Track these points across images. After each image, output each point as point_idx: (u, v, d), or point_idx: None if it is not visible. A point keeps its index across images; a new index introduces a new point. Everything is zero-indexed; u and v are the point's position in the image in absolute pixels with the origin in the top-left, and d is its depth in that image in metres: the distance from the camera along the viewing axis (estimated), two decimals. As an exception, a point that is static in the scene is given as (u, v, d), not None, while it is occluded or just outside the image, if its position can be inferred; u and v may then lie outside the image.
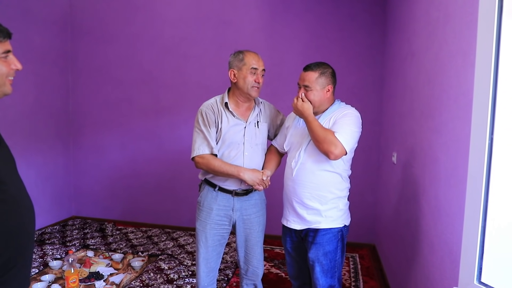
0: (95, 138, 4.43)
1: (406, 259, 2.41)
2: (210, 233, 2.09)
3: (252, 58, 2.03)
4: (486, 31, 1.24)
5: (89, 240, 3.77)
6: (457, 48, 1.63)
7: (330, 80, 1.91)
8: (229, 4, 3.91)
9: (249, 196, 2.12)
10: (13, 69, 1.14)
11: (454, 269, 1.54)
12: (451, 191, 1.64)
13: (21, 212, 1.18)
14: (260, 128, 2.12)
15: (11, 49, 1.14)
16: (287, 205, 2.03)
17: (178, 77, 4.10)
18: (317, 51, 3.71)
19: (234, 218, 2.11)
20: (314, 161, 1.88)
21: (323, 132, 1.80)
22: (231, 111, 2.05)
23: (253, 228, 2.14)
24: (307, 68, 1.92)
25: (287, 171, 2.01)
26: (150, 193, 4.31)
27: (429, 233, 1.94)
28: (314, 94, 1.89)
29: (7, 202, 1.13)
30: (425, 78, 2.12)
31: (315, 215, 1.91)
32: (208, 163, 2.01)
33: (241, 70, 2.02)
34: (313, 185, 1.89)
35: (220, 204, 2.09)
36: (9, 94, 1.17)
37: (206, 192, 2.12)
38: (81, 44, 4.35)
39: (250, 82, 2.01)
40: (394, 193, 2.92)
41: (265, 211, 2.23)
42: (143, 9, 4.13)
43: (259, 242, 2.18)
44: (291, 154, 2.00)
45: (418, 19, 2.33)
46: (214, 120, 2.04)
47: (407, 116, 2.55)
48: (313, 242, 1.92)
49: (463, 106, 1.54)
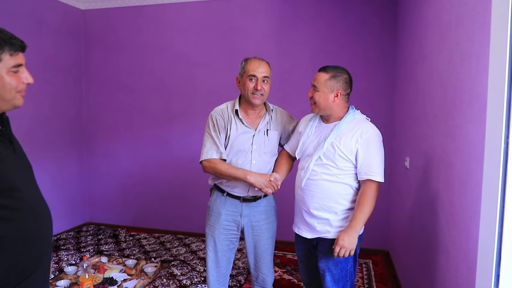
0: (108, 145, 4.49)
1: (420, 266, 2.37)
2: (218, 238, 2.09)
3: (251, 65, 2.00)
4: (499, 33, 1.23)
5: (103, 246, 3.81)
6: (469, 51, 1.61)
7: (342, 85, 1.84)
8: (239, 11, 3.94)
9: (257, 203, 2.11)
10: (24, 83, 1.15)
11: (470, 276, 1.51)
12: (466, 196, 1.62)
13: (38, 219, 1.20)
14: (270, 136, 2.09)
15: (24, 62, 1.14)
16: (297, 213, 2.01)
17: (189, 84, 4.14)
18: (327, 56, 3.71)
19: (242, 224, 2.10)
20: (324, 173, 1.84)
21: (370, 207, 1.80)
22: (241, 118, 2.04)
23: (262, 235, 2.13)
24: (321, 69, 1.88)
25: (297, 180, 1.98)
26: (162, 199, 4.34)
27: (444, 239, 1.91)
28: (319, 96, 1.84)
29: (23, 209, 1.15)
30: (438, 82, 2.10)
31: (324, 224, 1.87)
32: (215, 167, 2.01)
33: (242, 77, 2.03)
34: (322, 196, 1.85)
35: (228, 209, 2.09)
36: (20, 107, 1.17)
37: (215, 197, 2.13)
38: (94, 53, 4.43)
39: (249, 89, 1.99)
40: (407, 198, 2.88)
41: (275, 218, 2.21)
42: (154, 18, 4.19)
43: (268, 249, 2.16)
44: (301, 163, 1.97)
45: (429, 23, 2.31)
46: (224, 126, 2.04)
47: (419, 120, 2.52)
48: (323, 252, 1.89)
49: (477, 110, 1.52)
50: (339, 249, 1.75)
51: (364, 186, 1.82)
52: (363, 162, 1.79)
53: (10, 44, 1.09)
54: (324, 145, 1.82)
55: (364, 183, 1.83)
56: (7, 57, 1.09)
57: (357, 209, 1.80)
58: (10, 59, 1.09)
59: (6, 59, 1.09)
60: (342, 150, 1.79)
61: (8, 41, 1.09)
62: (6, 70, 1.09)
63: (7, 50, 1.08)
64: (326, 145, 1.81)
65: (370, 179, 1.80)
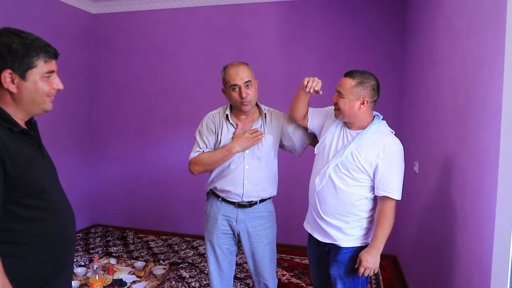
0: (116, 147, 4.52)
1: (430, 270, 2.37)
2: (217, 243, 2.08)
3: (230, 74, 1.95)
4: (514, 40, 1.24)
5: (111, 248, 3.84)
6: (483, 57, 1.62)
7: (369, 92, 1.73)
8: (248, 16, 3.98)
9: (253, 208, 2.06)
10: (54, 89, 1.20)
11: (484, 280, 1.52)
12: (479, 201, 1.62)
13: (64, 219, 1.24)
14: (263, 141, 2.02)
15: (56, 69, 1.20)
16: (311, 212, 1.95)
17: (198, 87, 4.17)
18: (335, 60, 3.74)
19: (237, 229, 2.07)
20: (340, 182, 1.77)
21: (390, 224, 1.73)
22: (232, 123, 2.02)
23: (259, 240, 2.08)
24: (347, 74, 1.76)
25: (312, 183, 1.91)
26: (170, 202, 4.36)
27: (455, 243, 1.91)
28: (344, 103, 1.73)
29: (52, 211, 1.18)
30: (449, 87, 2.11)
31: (336, 230, 1.82)
32: (198, 161, 2.00)
33: (226, 88, 1.99)
34: (336, 204, 1.79)
35: (224, 214, 2.06)
36: (49, 111, 1.23)
37: (211, 202, 2.12)
38: (104, 56, 4.48)
39: (236, 99, 1.94)
40: (416, 203, 2.89)
41: (273, 223, 2.16)
42: (164, 23, 4.23)
43: (267, 255, 2.11)
44: (317, 165, 1.90)
45: (439, 28, 2.33)
46: (214, 130, 2.03)
47: (429, 125, 2.53)
48: (334, 259, 1.84)
49: (490, 115, 1.53)
50: (363, 270, 1.71)
51: (382, 203, 1.76)
52: (382, 178, 1.72)
53: (45, 52, 1.15)
54: (343, 153, 1.74)
55: (382, 199, 1.76)
56: (42, 64, 1.14)
57: (378, 228, 1.74)
58: (44, 65, 1.15)
59: (41, 65, 1.14)
60: (361, 162, 1.72)
61: (44, 49, 1.15)
62: (39, 76, 1.15)
63: (42, 57, 1.14)
64: (345, 153, 1.74)
65: (388, 197, 1.73)
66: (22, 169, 1.08)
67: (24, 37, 1.13)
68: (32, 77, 1.13)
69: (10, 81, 1.10)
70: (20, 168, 1.07)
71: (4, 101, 1.13)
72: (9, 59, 1.09)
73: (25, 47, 1.11)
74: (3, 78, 1.09)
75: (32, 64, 1.12)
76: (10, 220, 1.07)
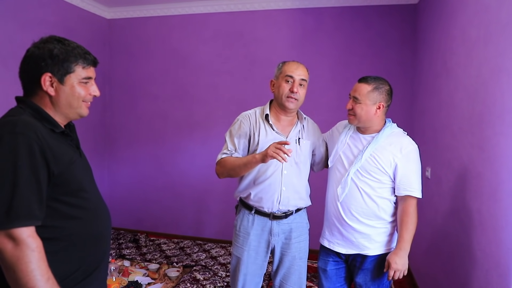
0: (129, 151, 4.59)
1: (444, 273, 2.41)
2: (247, 261, 1.91)
3: (289, 66, 1.87)
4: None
5: (124, 250, 3.89)
6: (500, 67, 1.68)
7: (384, 97, 1.77)
8: (261, 22, 4.05)
9: (289, 219, 1.93)
10: (91, 95, 1.27)
11: (503, 283, 1.57)
12: (496, 205, 1.67)
13: (100, 218, 1.29)
14: (302, 146, 1.92)
15: (94, 76, 1.27)
16: (330, 227, 1.89)
17: (211, 92, 4.24)
18: (347, 67, 3.80)
19: (272, 243, 1.93)
20: (363, 187, 1.77)
21: (414, 224, 1.75)
22: (271, 124, 1.89)
23: (290, 254, 1.93)
24: (361, 80, 1.78)
25: (332, 194, 1.88)
26: (182, 205, 4.42)
27: (471, 247, 1.96)
28: (361, 108, 1.75)
29: (89, 209, 1.24)
30: (464, 95, 2.17)
31: (363, 239, 1.80)
32: (224, 164, 1.86)
33: (278, 79, 1.89)
34: (363, 211, 1.78)
35: (257, 228, 1.91)
36: (84, 116, 1.29)
37: (242, 216, 1.96)
38: (118, 61, 4.56)
39: (285, 92, 1.83)
40: (428, 208, 2.93)
41: (307, 236, 2.02)
42: (177, 27, 4.31)
43: (296, 271, 1.95)
44: (335, 175, 1.87)
45: (454, 37, 2.39)
46: (248, 132, 1.90)
47: (443, 131, 2.58)
48: (360, 268, 1.82)
49: (508, 123, 1.59)
50: (394, 272, 1.72)
51: (404, 203, 1.77)
52: (402, 177, 1.75)
53: (84, 58, 1.22)
54: (362, 157, 1.75)
55: (403, 199, 1.78)
56: (80, 69, 1.21)
57: (402, 229, 1.74)
58: (82, 71, 1.22)
59: (79, 71, 1.21)
60: (380, 163, 1.74)
61: (83, 56, 1.22)
62: (77, 81, 1.21)
63: (81, 63, 1.21)
64: (364, 157, 1.75)
65: (409, 195, 1.75)
66: (64, 168, 1.14)
67: (66, 44, 1.20)
68: (70, 82, 1.20)
69: (49, 84, 1.17)
70: (62, 167, 1.13)
71: (44, 103, 1.19)
72: (50, 63, 1.16)
73: (66, 53, 1.18)
74: (43, 81, 1.16)
75: (71, 69, 1.19)
76: (53, 217, 1.13)
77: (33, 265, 1.01)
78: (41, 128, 1.11)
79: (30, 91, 1.20)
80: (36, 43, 1.20)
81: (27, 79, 1.19)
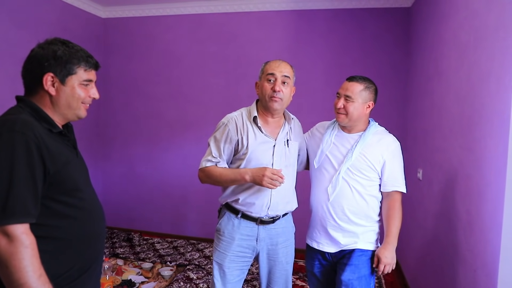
0: (123, 150, 4.59)
1: (433, 272, 2.45)
2: (229, 267, 1.84)
3: (270, 64, 1.80)
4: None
5: (118, 249, 3.89)
6: (489, 71, 1.72)
7: (373, 97, 1.83)
8: (256, 24, 4.07)
9: (275, 224, 1.87)
10: (90, 97, 1.29)
11: (489, 282, 1.60)
12: (485, 206, 1.71)
13: (95, 218, 1.31)
14: (290, 148, 1.87)
15: (95, 79, 1.29)
16: (317, 228, 1.90)
17: (205, 92, 4.26)
18: (341, 69, 3.83)
19: (257, 249, 1.87)
20: (355, 185, 1.80)
21: (400, 219, 1.81)
22: (259, 126, 1.80)
23: (278, 259, 1.90)
24: (352, 79, 1.82)
25: (319, 195, 1.87)
26: (176, 204, 4.43)
27: (460, 247, 1.99)
28: (354, 107, 1.78)
29: (84, 208, 1.26)
30: (454, 98, 2.21)
31: (351, 237, 1.82)
32: (209, 174, 1.81)
33: (261, 80, 1.82)
34: (353, 209, 1.81)
35: (243, 233, 1.83)
36: (83, 117, 1.31)
37: (227, 220, 1.86)
38: (113, 60, 4.56)
39: (267, 92, 1.76)
40: (419, 209, 2.97)
41: (293, 240, 1.99)
42: (172, 28, 4.32)
43: (283, 275, 1.92)
44: (323, 176, 1.86)
45: (446, 41, 2.43)
46: (235, 136, 1.80)
47: (434, 133, 2.62)
48: (347, 263, 1.81)
49: (496, 125, 1.63)
50: (384, 266, 1.76)
51: (390, 199, 1.83)
52: (390, 173, 1.81)
53: (86, 61, 1.24)
54: (352, 155, 1.78)
55: (389, 195, 1.83)
56: (82, 71, 1.24)
57: (390, 223, 1.80)
58: (83, 73, 1.24)
59: (81, 73, 1.24)
60: (370, 161, 1.78)
61: (85, 59, 1.24)
62: (78, 82, 1.24)
63: (83, 66, 1.24)
64: (354, 155, 1.78)
65: (396, 191, 1.82)
66: (59, 168, 1.15)
67: (70, 47, 1.24)
68: (71, 83, 1.22)
69: (50, 84, 1.19)
70: (58, 166, 1.15)
71: (44, 103, 1.21)
72: (53, 64, 1.19)
73: (69, 55, 1.21)
74: (45, 80, 1.18)
75: (73, 71, 1.22)
76: (48, 216, 1.14)
77: (26, 262, 1.03)
78: (39, 127, 1.13)
79: (32, 90, 1.22)
80: (40, 44, 1.22)
81: (30, 78, 1.22)
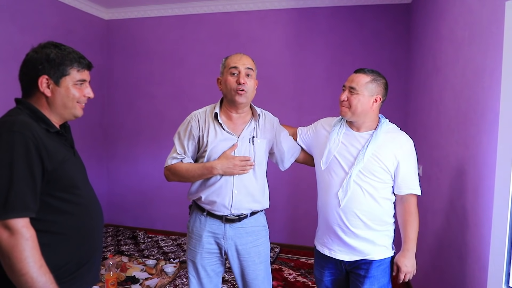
0: (128, 149, 4.65)
1: (432, 268, 2.47)
2: (201, 263, 1.82)
3: (232, 58, 1.77)
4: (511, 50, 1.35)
5: (123, 247, 3.95)
6: (483, 66, 1.73)
7: (382, 91, 1.69)
8: (256, 22, 4.10)
9: (243, 223, 1.80)
10: (85, 96, 1.34)
11: (482, 275, 1.62)
12: (478, 201, 1.73)
13: (92, 214, 1.36)
14: (256, 145, 1.78)
15: (88, 79, 1.34)
16: (328, 234, 1.75)
17: (207, 92, 4.28)
18: (342, 66, 3.84)
19: (225, 247, 1.81)
20: (366, 189, 1.65)
21: (418, 223, 1.71)
22: (220, 122, 1.76)
23: (250, 260, 1.82)
24: (359, 70, 1.70)
25: (329, 199, 1.71)
26: (180, 202, 4.46)
27: (456, 242, 2.01)
28: (358, 99, 1.63)
29: (82, 205, 1.31)
30: (451, 94, 2.22)
31: (367, 243, 1.68)
32: (175, 171, 1.78)
33: (223, 75, 1.78)
34: (367, 214, 1.66)
35: (209, 230, 1.81)
36: (79, 116, 1.37)
37: (194, 217, 1.86)
38: (116, 61, 4.62)
39: (232, 86, 1.71)
40: (419, 205, 2.97)
41: (267, 239, 1.91)
42: (174, 29, 4.36)
43: (259, 275, 1.84)
44: (331, 179, 1.71)
45: (443, 37, 2.44)
46: (197, 133, 1.78)
47: (433, 130, 2.63)
48: (366, 275, 1.68)
49: (489, 120, 1.64)
50: (403, 275, 1.69)
51: (405, 202, 1.70)
52: (404, 175, 1.66)
53: (78, 62, 1.29)
54: (364, 157, 1.63)
55: (404, 198, 1.71)
56: (75, 72, 1.29)
57: (408, 229, 1.69)
58: (77, 74, 1.29)
59: (74, 74, 1.29)
60: (383, 162, 1.63)
61: (78, 60, 1.29)
62: (72, 83, 1.29)
63: (76, 67, 1.29)
64: (366, 156, 1.63)
65: (411, 194, 1.69)
66: (57, 165, 1.21)
67: (62, 49, 1.28)
68: (65, 84, 1.27)
69: (46, 85, 1.25)
70: (55, 164, 1.21)
71: (41, 104, 1.27)
72: (46, 66, 1.24)
73: (61, 57, 1.26)
74: (40, 83, 1.24)
75: (66, 72, 1.27)
76: (46, 211, 1.20)
77: (27, 253, 1.09)
78: (37, 127, 1.19)
79: (29, 92, 1.27)
80: (34, 48, 1.28)
81: (26, 81, 1.27)
